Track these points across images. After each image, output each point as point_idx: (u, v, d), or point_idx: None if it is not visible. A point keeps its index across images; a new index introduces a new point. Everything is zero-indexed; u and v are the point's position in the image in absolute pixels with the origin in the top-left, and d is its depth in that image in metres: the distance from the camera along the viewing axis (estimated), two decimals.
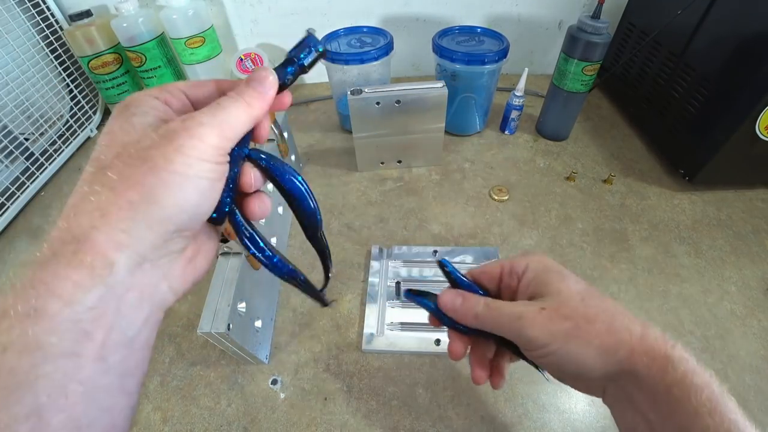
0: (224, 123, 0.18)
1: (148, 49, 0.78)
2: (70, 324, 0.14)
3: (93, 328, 0.15)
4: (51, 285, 0.14)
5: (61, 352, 0.14)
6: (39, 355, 0.14)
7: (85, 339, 0.15)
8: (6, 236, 0.65)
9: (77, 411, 0.14)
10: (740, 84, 0.54)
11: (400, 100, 0.60)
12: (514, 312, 0.23)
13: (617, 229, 0.59)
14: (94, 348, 0.15)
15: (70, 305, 0.14)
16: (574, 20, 0.65)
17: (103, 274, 0.15)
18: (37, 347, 0.14)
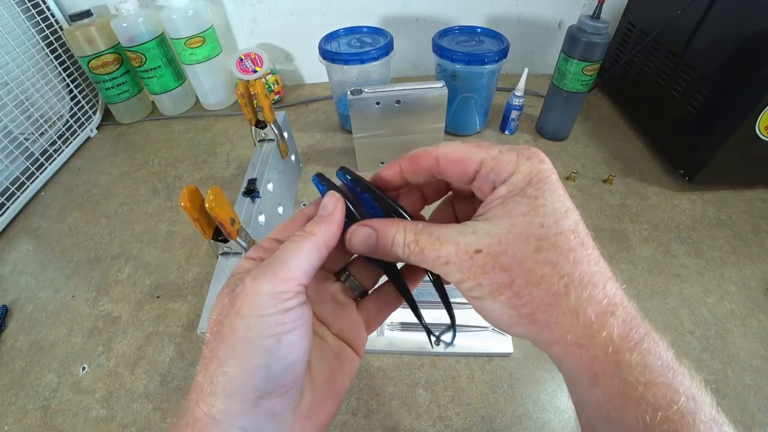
0: (280, 265, 0.17)
1: (148, 49, 0.79)
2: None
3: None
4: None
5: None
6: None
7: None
8: (6, 236, 0.65)
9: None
10: (740, 84, 0.54)
11: (400, 100, 0.60)
12: (440, 257, 0.17)
13: (617, 229, 0.59)
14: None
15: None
16: (574, 20, 0.65)
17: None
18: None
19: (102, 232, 0.64)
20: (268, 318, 0.16)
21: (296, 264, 0.17)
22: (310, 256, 0.18)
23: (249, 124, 0.55)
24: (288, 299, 0.16)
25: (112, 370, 0.47)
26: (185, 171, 0.74)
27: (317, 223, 0.18)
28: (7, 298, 0.55)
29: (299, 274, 0.17)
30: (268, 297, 0.16)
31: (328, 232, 0.18)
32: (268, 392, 0.16)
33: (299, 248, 0.17)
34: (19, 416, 0.44)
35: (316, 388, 0.19)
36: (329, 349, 0.20)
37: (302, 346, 0.17)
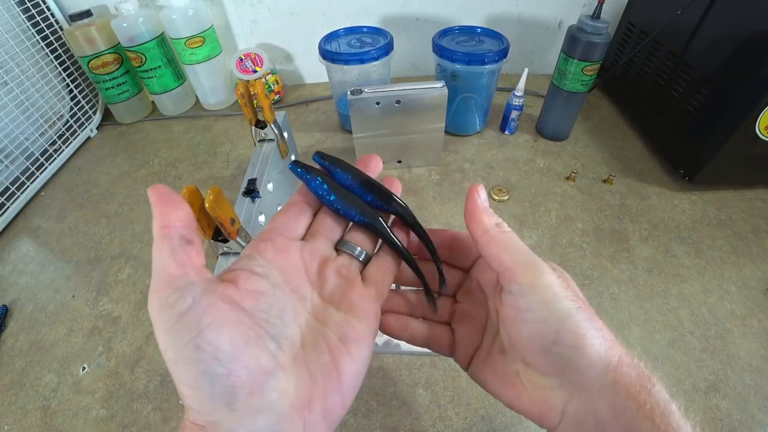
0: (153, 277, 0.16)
1: (148, 49, 0.79)
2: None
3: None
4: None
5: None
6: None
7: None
8: (6, 236, 0.65)
9: None
10: (740, 84, 0.54)
11: (400, 100, 0.60)
12: (526, 248, 0.20)
13: (617, 229, 0.59)
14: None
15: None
16: (574, 20, 0.65)
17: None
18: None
19: (102, 232, 0.64)
20: (171, 331, 0.15)
21: (160, 266, 0.16)
22: (168, 250, 0.16)
23: (249, 124, 0.55)
24: (174, 303, 0.15)
25: (112, 370, 0.47)
26: (185, 171, 0.74)
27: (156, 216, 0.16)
28: (7, 298, 0.55)
29: (166, 273, 0.16)
30: (158, 311, 0.15)
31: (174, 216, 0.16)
32: (231, 396, 0.15)
33: (155, 251, 0.16)
34: (19, 416, 0.44)
35: (315, 377, 0.18)
36: (330, 335, 0.19)
37: (227, 338, 0.15)
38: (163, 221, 0.16)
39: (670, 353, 0.45)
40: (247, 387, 0.16)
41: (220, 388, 0.15)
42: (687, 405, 0.18)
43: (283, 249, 0.20)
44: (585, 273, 0.53)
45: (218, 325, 0.15)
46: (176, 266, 0.16)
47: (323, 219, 0.23)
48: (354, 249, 0.22)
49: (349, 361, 0.19)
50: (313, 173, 0.23)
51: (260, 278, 0.18)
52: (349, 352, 0.19)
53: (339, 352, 0.19)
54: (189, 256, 0.16)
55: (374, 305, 0.21)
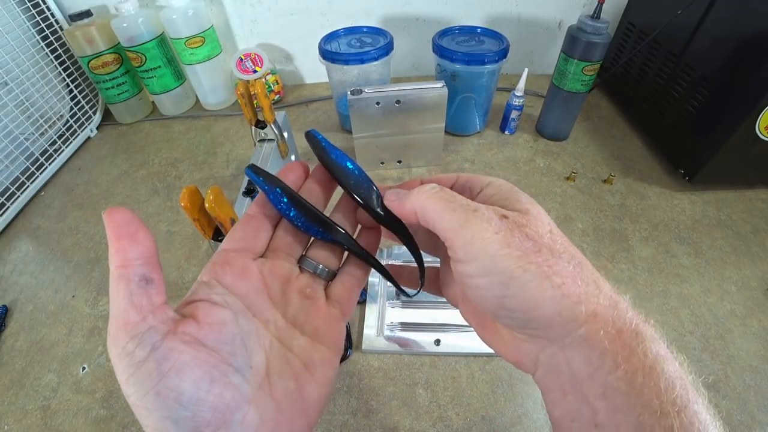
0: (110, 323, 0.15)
1: (148, 49, 0.79)
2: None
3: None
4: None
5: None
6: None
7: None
8: (6, 236, 0.65)
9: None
10: (740, 84, 0.54)
11: (400, 100, 0.60)
12: (470, 205, 0.18)
13: (617, 229, 0.59)
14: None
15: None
16: (574, 20, 0.65)
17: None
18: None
19: (102, 232, 0.64)
20: (131, 379, 0.15)
21: (117, 311, 0.15)
22: (125, 293, 0.15)
23: (249, 124, 0.55)
24: (132, 351, 0.15)
25: (112, 371, 0.47)
26: (185, 171, 0.74)
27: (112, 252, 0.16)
28: (7, 298, 0.55)
29: (124, 320, 0.15)
30: (117, 359, 0.15)
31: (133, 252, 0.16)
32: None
33: (112, 293, 0.15)
34: (19, 416, 0.44)
35: (281, 404, 0.18)
36: (295, 360, 0.19)
37: (190, 381, 0.15)
38: (120, 260, 0.15)
39: None
40: (212, 425, 0.15)
41: (185, 430, 0.15)
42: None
43: (242, 272, 0.19)
44: None
45: (179, 369, 0.15)
46: (134, 312, 0.15)
47: (283, 234, 0.22)
48: (316, 267, 0.21)
49: (314, 387, 0.19)
50: (272, 183, 0.21)
51: (221, 308, 0.18)
52: (314, 378, 0.19)
53: (304, 378, 0.19)
54: (148, 298, 0.16)
55: (338, 325, 0.21)
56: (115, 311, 0.15)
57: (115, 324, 0.15)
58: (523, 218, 0.18)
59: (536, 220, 0.18)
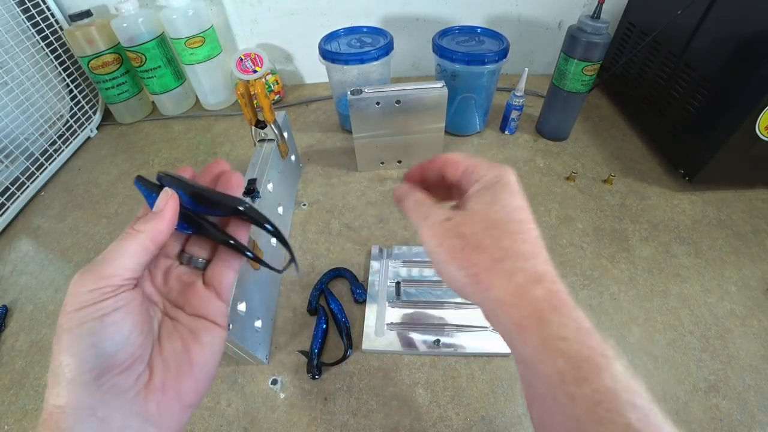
0: (103, 264, 0.19)
1: (148, 49, 0.79)
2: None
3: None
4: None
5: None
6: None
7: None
8: (6, 236, 0.65)
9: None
10: (740, 84, 0.54)
11: (400, 100, 0.60)
12: (426, 214, 0.23)
13: (617, 229, 0.59)
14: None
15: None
16: (574, 20, 0.65)
17: (61, 422, 0.17)
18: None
19: (102, 232, 0.64)
20: (88, 308, 0.18)
21: (120, 262, 0.19)
22: (135, 254, 0.20)
23: (249, 124, 0.55)
24: (108, 292, 0.18)
25: None
26: None
27: (146, 221, 0.21)
28: (7, 298, 0.55)
29: (122, 270, 0.19)
30: (87, 293, 0.18)
31: (156, 229, 0.20)
32: (106, 371, 0.18)
33: (124, 246, 0.20)
34: (19, 416, 0.44)
35: (169, 364, 0.20)
36: (182, 327, 0.22)
37: (128, 323, 0.19)
38: (150, 229, 0.21)
39: (670, 353, 0.45)
40: (121, 367, 0.18)
41: (101, 362, 0.18)
42: (686, 402, 0.17)
43: None
44: (585, 273, 0.53)
45: (127, 312, 0.19)
46: (137, 265, 0.20)
47: None
48: (190, 259, 0.24)
49: (200, 350, 0.21)
50: (152, 190, 0.23)
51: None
52: (200, 341, 0.22)
53: (190, 340, 0.21)
54: (145, 265, 0.21)
55: (216, 303, 0.23)
56: (119, 260, 0.19)
57: (108, 269, 0.19)
58: (464, 218, 0.22)
59: (476, 221, 0.22)
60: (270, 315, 0.49)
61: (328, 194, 0.67)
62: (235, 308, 0.38)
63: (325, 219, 0.62)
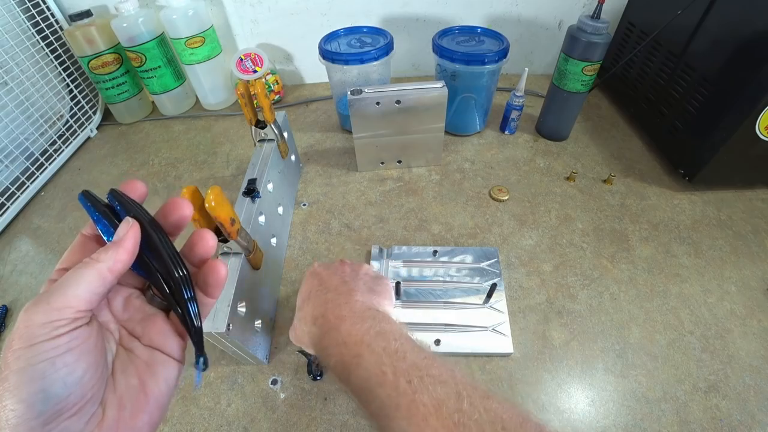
0: (55, 295, 0.17)
1: (148, 49, 0.79)
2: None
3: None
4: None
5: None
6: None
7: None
8: (6, 236, 0.65)
9: None
10: (740, 84, 0.54)
11: (400, 100, 0.60)
12: None
13: (617, 229, 0.59)
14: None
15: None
16: (574, 20, 0.65)
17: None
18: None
19: None
20: (39, 345, 0.16)
21: (74, 292, 0.18)
22: (91, 284, 0.18)
23: (249, 124, 0.55)
24: (62, 326, 0.17)
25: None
26: (185, 171, 0.74)
27: (105, 250, 0.19)
28: (7, 298, 0.55)
29: (77, 301, 0.18)
30: (39, 327, 0.17)
31: (115, 259, 0.19)
32: (56, 415, 0.16)
33: (80, 276, 0.18)
34: None
35: (123, 400, 0.19)
36: (138, 360, 0.21)
37: (82, 364, 0.17)
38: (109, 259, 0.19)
39: (670, 353, 0.45)
40: (71, 411, 0.17)
41: (50, 407, 0.16)
42: (686, 402, 0.17)
43: None
44: (585, 273, 0.53)
45: (81, 353, 0.17)
46: (93, 296, 0.18)
47: None
48: (152, 298, 0.23)
49: (155, 385, 0.20)
50: (98, 210, 0.21)
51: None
52: (156, 376, 0.21)
53: (146, 375, 0.20)
54: (102, 296, 0.19)
55: (176, 339, 0.22)
56: (73, 290, 0.18)
57: (60, 300, 0.17)
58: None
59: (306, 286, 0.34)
60: (270, 315, 0.49)
61: (328, 194, 0.67)
62: (235, 308, 0.38)
63: (325, 219, 0.62)
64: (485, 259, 0.54)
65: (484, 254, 0.55)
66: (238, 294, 0.39)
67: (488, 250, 0.55)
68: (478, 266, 0.53)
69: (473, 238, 0.58)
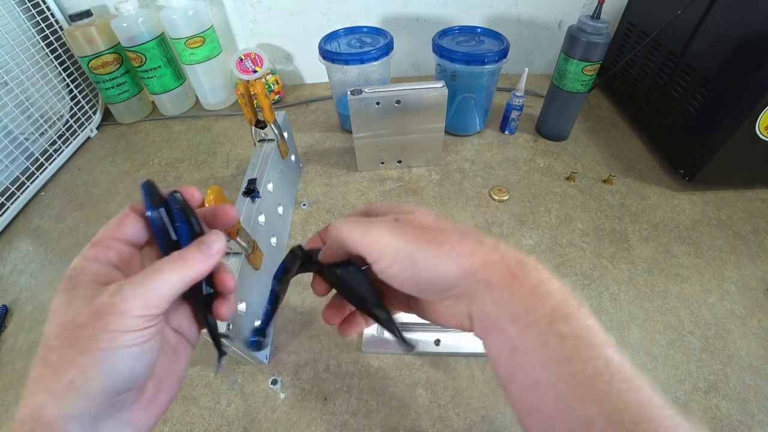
0: (151, 292, 0.19)
1: (148, 49, 0.79)
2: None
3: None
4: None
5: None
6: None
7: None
8: (6, 236, 0.65)
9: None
10: (740, 84, 0.54)
11: (400, 100, 0.60)
12: (368, 221, 0.22)
13: (617, 229, 0.59)
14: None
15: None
16: (574, 20, 0.65)
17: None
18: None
19: None
20: (133, 333, 0.18)
21: (165, 293, 0.19)
22: (178, 286, 0.20)
23: (249, 124, 0.55)
24: (150, 319, 0.19)
25: None
26: (185, 171, 0.74)
27: (195, 259, 0.20)
28: (7, 298, 0.55)
29: (165, 302, 0.19)
30: (135, 318, 0.18)
31: (201, 269, 0.20)
32: (124, 390, 0.18)
33: (170, 278, 0.19)
34: None
35: (158, 379, 0.21)
36: (167, 344, 0.22)
37: (155, 355, 0.20)
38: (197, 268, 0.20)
39: (670, 353, 0.45)
40: (133, 389, 0.19)
41: (130, 384, 0.19)
42: (686, 402, 0.17)
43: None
44: (585, 273, 0.53)
45: (160, 341, 0.20)
46: (175, 297, 0.20)
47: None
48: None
49: (179, 366, 0.23)
50: (156, 204, 0.21)
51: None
52: (179, 357, 0.23)
53: (173, 356, 0.22)
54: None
55: (195, 323, 0.24)
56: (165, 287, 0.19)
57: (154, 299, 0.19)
58: (410, 216, 0.22)
59: (421, 215, 0.22)
60: None
61: (328, 194, 0.67)
62: (235, 308, 0.38)
63: (325, 219, 0.62)
64: None
65: None
66: (238, 294, 0.39)
67: None
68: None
69: None
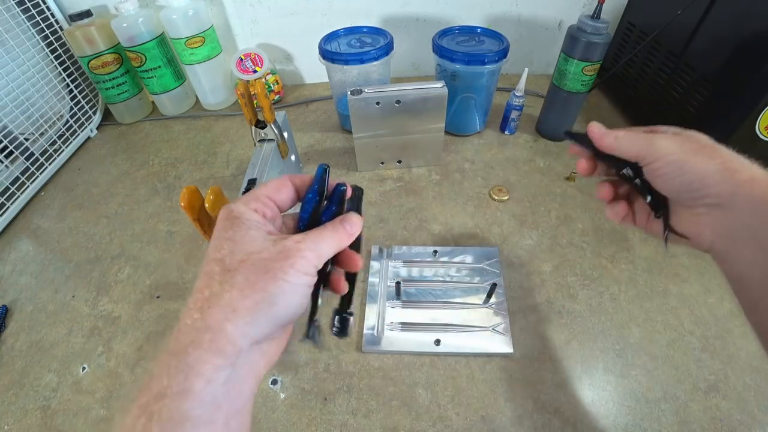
0: (321, 250, 0.23)
1: (148, 49, 0.79)
2: (210, 398, 0.18)
3: (223, 400, 0.19)
4: (196, 368, 0.18)
5: (203, 422, 0.18)
6: (189, 425, 0.18)
7: (217, 410, 0.19)
8: (6, 236, 0.65)
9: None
10: (740, 84, 0.54)
11: (400, 100, 0.60)
12: (650, 133, 0.29)
13: (617, 229, 0.59)
14: (223, 416, 0.19)
15: (210, 383, 0.18)
16: (574, 20, 0.65)
17: (233, 357, 0.19)
18: (187, 419, 0.18)
19: (102, 232, 0.64)
20: (307, 277, 0.22)
21: (326, 254, 0.23)
22: (333, 250, 0.24)
23: (249, 124, 0.55)
24: (314, 271, 0.23)
25: (112, 371, 0.47)
26: (185, 171, 0.74)
27: (344, 235, 0.24)
28: (7, 298, 0.55)
29: (324, 260, 0.23)
30: (311, 266, 0.22)
31: (347, 242, 0.25)
32: (287, 323, 0.22)
33: (330, 242, 0.24)
34: (19, 416, 0.44)
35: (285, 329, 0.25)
36: None
37: (305, 304, 0.23)
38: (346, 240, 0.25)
39: (670, 353, 0.45)
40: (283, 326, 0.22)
41: (294, 318, 0.22)
42: (686, 402, 0.18)
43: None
44: (585, 273, 0.53)
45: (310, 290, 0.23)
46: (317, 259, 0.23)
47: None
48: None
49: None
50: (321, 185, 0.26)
51: None
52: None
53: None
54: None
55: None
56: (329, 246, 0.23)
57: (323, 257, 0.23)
58: (688, 132, 0.28)
59: (698, 135, 0.27)
60: None
61: None
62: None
63: None
64: (485, 259, 0.54)
65: (484, 254, 0.55)
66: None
67: (488, 250, 0.55)
68: (478, 266, 0.53)
69: (473, 238, 0.58)
